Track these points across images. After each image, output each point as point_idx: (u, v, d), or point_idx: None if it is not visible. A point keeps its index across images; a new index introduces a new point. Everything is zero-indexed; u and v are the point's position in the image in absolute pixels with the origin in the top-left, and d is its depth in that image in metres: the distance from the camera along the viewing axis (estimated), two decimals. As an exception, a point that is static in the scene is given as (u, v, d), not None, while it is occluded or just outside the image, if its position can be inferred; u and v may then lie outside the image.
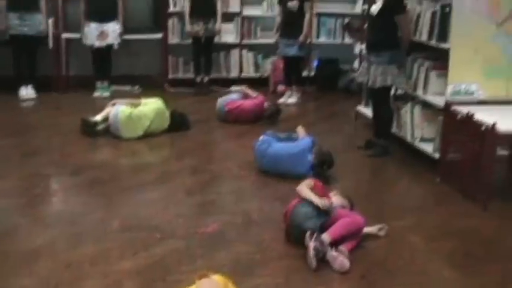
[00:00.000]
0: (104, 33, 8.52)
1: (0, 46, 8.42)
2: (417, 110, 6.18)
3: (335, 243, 4.08)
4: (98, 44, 8.55)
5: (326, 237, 4.06)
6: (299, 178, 5.34)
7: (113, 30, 8.58)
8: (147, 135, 6.72)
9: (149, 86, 9.00)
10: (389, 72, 6.14)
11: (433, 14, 5.89)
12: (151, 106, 6.86)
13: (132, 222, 4.58)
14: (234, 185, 5.51)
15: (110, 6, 8.58)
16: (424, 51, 6.20)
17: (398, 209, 5.07)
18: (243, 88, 7.93)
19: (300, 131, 6.00)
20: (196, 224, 4.58)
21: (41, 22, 8.37)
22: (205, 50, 9.11)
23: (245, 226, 4.60)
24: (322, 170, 5.53)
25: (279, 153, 5.62)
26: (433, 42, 5.88)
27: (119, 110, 6.69)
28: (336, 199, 4.50)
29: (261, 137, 5.84)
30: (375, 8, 6.19)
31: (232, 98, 7.67)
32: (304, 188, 4.44)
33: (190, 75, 9.33)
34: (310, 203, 4.30)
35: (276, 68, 9.29)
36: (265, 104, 7.59)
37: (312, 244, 3.95)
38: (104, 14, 8.53)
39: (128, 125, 6.65)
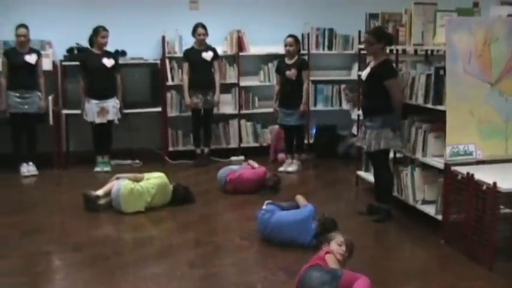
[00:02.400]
0: (104, 110, 8.57)
1: (0, 124, 8.48)
2: (417, 172, 6.19)
3: None
4: (98, 120, 8.60)
5: None
6: (302, 247, 5.32)
7: (113, 106, 8.63)
8: (150, 209, 6.71)
9: (149, 159, 9.04)
10: (383, 136, 6.16)
11: (428, 77, 5.95)
12: (153, 181, 6.85)
13: (135, 298, 4.54)
14: (237, 256, 5.46)
15: (109, 84, 8.64)
16: (420, 113, 6.24)
17: (404, 274, 5.02)
18: (249, 162, 7.94)
19: (300, 199, 5.99)
20: (200, 297, 4.53)
21: (40, 99, 8.46)
22: (205, 121, 9.18)
23: (250, 297, 4.56)
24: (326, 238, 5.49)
25: (283, 221, 5.60)
26: (429, 105, 5.92)
27: (121, 185, 6.69)
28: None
29: (264, 206, 5.83)
30: (364, 74, 6.27)
31: (233, 169, 7.70)
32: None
33: (190, 147, 9.37)
34: (321, 267, 4.29)
35: (278, 137, 9.28)
36: (267, 175, 7.60)
37: None
38: (103, 91, 8.58)
39: (129, 200, 6.64)
